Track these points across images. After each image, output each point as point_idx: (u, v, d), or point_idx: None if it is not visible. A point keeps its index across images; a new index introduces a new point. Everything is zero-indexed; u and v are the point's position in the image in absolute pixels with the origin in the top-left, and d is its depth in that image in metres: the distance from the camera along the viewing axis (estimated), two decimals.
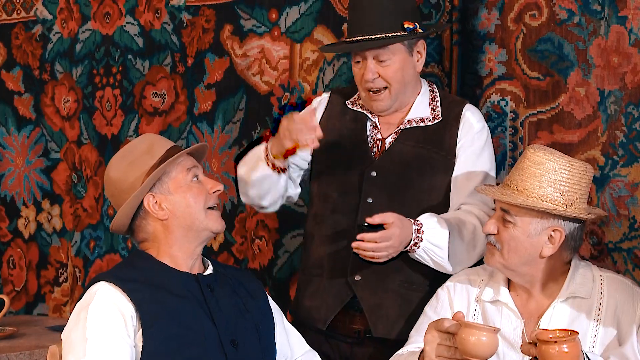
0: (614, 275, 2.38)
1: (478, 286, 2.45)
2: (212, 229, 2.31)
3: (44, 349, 3.15)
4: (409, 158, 2.64)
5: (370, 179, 2.63)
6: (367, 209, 2.59)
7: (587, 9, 2.72)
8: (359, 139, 2.68)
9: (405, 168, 2.63)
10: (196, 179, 2.32)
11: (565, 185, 2.28)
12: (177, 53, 3.62)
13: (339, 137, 2.70)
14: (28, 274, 4.09)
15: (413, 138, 2.66)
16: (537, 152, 2.30)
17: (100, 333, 2.14)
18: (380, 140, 2.68)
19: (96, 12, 3.83)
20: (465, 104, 2.70)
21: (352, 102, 2.75)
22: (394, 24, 2.58)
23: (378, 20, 2.57)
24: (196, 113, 3.58)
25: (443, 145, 2.65)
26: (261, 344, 2.31)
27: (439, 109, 2.69)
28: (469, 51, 2.95)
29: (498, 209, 2.34)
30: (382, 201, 2.60)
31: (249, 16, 3.43)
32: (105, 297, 2.19)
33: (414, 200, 2.62)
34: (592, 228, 2.73)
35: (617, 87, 2.67)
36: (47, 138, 4.01)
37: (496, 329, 2.11)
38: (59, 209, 3.99)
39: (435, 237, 2.54)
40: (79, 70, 3.88)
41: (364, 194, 2.62)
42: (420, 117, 2.68)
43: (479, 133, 2.66)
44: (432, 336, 2.16)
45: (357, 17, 2.60)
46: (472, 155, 2.64)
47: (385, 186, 2.62)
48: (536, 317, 2.35)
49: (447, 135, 2.65)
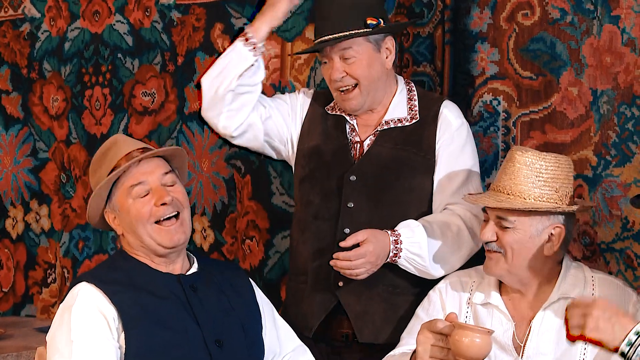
0: (605, 276, 2.40)
1: (469, 289, 2.46)
2: (163, 244, 2.27)
3: (32, 351, 3.13)
4: (388, 160, 2.62)
5: (349, 183, 2.61)
6: (348, 214, 2.59)
7: (580, 8, 2.72)
8: (340, 144, 2.66)
9: (384, 170, 2.61)
10: (145, 195, 2.27)
11: (557, 181, 2.32)
12: (167, 52, 3.60)
13: (320, 142, 2.68)
14: (16, 275, 4.06)
15: (391, 139, 2.64)
16: (525, 154, 2.32)
17: (86, 335, 2.14)
18: (358, 143, 2.66)
19: (85, 10, 3.80)
20: (443, 101, 2.69)
21: (332, 107, 2.73)
22: (356, 20, 2.56)
23: (340, 18, 2.56)
24: (186, 112, 3.56)
25: (422, 146, 2.63)
26: (247, 343, 2.30)
27: (417, 108, 2.67)
28: (461, 50, 2.94)
29: (492, 216, 2.34)
30: (363, 205, 2.60)
31: (239, 15, 3.41)
32: (88, 299, 2.19)
33: (395, 203, 2.61)
34: (585, 229, 2.72)
35: (609, 86, 2.67)
36: (36, 137, 3.99)
37: (490, 330, 2.11)
38: (47, 209, 3.96)
39: (414, 246, 2.54)
40: (67, 69, 3.86)
41: (344, 198, 2.61)
42: (398, 117, 2.66)
43: (458, 130, 2.65)
44: (424, 337, 2.16)
45: (322, 18, 2.61)
46: (453, 154, 2.63)
47: (365, 190, 2.61)
48: (528, 319, 2.36)
49: (425, 135, 2.64)
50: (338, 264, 2.51)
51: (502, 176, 2.35)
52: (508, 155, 2.37)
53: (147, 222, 2.25)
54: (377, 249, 2.50)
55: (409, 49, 3.03)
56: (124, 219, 2.28)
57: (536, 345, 2.32)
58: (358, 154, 2.65)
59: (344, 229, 2.59)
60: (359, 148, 2.65)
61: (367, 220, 2.58)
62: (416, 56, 3.02)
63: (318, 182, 2.66)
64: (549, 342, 2.32)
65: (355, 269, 2.50)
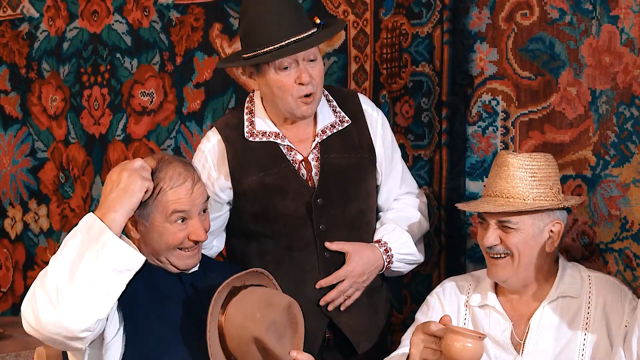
0: (602, 275, 2.43)
1: (466, 292, 2.49)
2: (177, 266, 2.29)
3: (31, 351, 3.13)
4: (342, 172, 2.56)
5: (317, 206, 2.54)
6: (322, 237, 2.56)
7: (579, 8, 2.71)
8: (289, 169, 2.53)
9: (343, 182, 2.57)
10: (181, 220, 2.26)
11: (550, 179, 2.38)
12: (165, 52, 3.59)
13: (261, 175, 2.53)
14: (14, 275, 4.06)
15: (335, 148, 2.57)
16: (517, 156, 2.37)
17: None
18: (303, 161, 2.56)
19: (84, 10, 3.80)
20: (357, 96, 2.67)
21: (249, 132, 2.56)
22: (308, 21, 2.48)
23: (298, 21, 2.45)
24: (185, 112, 3.56)
25: (362, 146, 2.62)
26: None
27: (339, 109, 2.62)
28: (459, 50, 2.94)
29: (493, 220, 2.36)
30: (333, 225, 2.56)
31: (238, 14, 3.40)
32: None
33: (358, 211, 2.61)
34: (584, 229, 2.73)
35: (608, 86, 2.67)
36: (34, 137, 3.99)
37: (482, 335, 2.13)
38: (46, 209, 3.96)
39: (403, 248, 2.61)
40: (66, 68, 3.86)
41: (315, 222, 2.55)
42: (330, 123, 2.59)
43: (381, 121, 2.68)
44: (418, 339, 2.19)
45: (272, 23, 2.43)
46: (387, 146, 2.67)
47: (333, 210, 2.56)
48: (526, 318, 2.39)
49: (360, 134, 2.62)
50: (326, 299, 2.53)
51: (497, 181, 2.38)
52: (498, 160, 2.40)
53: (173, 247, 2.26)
54: (359, 266, 2.54)
55: (407, 49, 3.03)
56: (150, 235, 2.26)
57: (535, 342, 2.34)
58: (307, 173, 2.56)
59: (324, 253, 2.56)
60: (306, 165, 2.56)
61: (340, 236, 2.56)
62: (415, 56, 3.02)
63: (280, 213, 2.54)
64: (548, 339, 2.34)
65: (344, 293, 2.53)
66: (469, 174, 2.94)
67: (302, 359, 2.16)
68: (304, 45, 2.43)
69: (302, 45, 2.42)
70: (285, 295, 2.22)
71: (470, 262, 2.92)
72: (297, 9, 2.51)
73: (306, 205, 2.54)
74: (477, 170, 2.93)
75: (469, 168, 2.94)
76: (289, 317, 2.17)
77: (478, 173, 2.93)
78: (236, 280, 2.23)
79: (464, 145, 2.94)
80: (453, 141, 2.95)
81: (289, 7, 2.47)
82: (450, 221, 2.94)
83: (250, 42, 2.48)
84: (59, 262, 2.10)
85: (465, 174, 2.94)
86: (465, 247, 2.95)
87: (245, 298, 2.19)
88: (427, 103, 3.00)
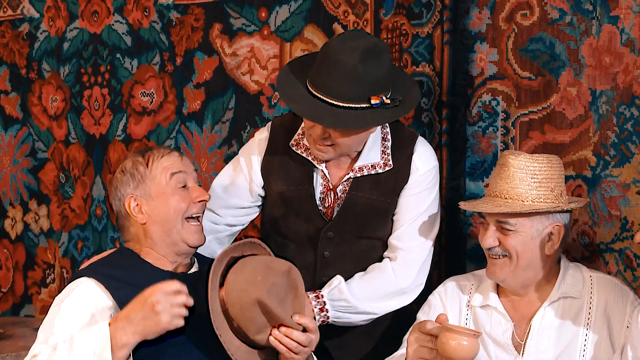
0: (603, 275, 2.43)
1: (468, 291, 2.49)
2: (188, 242, 2.31)
3: None
4: (364, 211, 2.54)
5: (326, 237, 2.57)
6: (324, 263, 2.58)
7: (579, 8, 2.71)
8: (308, 193, 2.54)
9: (361, 222, 2.56)
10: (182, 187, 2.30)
11: (552, 181, 2.35)
12: (165, 52, 3.59)
13: (287, 188, 2.57)
14: (15, 275, 4.06)
15: (366, 188, 2.54)
16: (519, 157, 2.35)
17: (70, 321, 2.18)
18: (332, 191, 2.55)
19: (84, 10, 3.80)
20: (415, 143, 2.55)
21: (296, 143, 2.58)
22: (361, 94, 2.34)
23: (345, 87, 2.33)
24: (185, 112, 3.56)
25: (396, 192, 2.56)
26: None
27: (389, 151, 2.55)
28: (460, 51, 2.94)
29: (492, 221, 2.35)
30: (338, 254, 2.57)
31: (238, 15, 3.41)
32: (83, 294, 2.21)
33: (370, 249, 2.60)
34: (584, 229, 2.73)
35: (608, 87, 2.67)
36: (35, 137, 3.98)
37: (477, 333, 2.13)
38: (47, 209, 3.96)
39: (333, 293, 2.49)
40: (66, 69, 3.86)
41: (320, 249, 2.58)
42: (372, 163, 2.54)
43: (424, 175, 2.55)
44: (414, 338, 2.20)
45: (325, 75, 2.36)
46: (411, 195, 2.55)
47: (341, 242, 2.57)
48: (527, 319, 2.39)
49: (397, 182, 2.56)
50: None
51: (497, 181, 2.37)
52: (500, 160, 2.39)
53: (182, 215, 2.28)
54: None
55: (408, 49, 3.03)
56: (157, 210, 2.28)
57: (536, 343, 2.34)
58: (332, 202, 2.55)
59: (322, 277, 2.58)
60: (332, 196, 2.55)
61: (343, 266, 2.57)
62: (415, 56, 3.02)
63: (291, 230, 2.59)
64: (549, 340, 2.34)
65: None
66: (469, 174, 2.94)
67: (304, 323, 2.17)
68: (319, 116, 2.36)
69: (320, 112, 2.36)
70: (284, 261, 2.22)
71: (471, 263, 2.92)
72: (360, 81, 2.34)
73: (314, 231, 2.57)
74: (478, 171, 2.93)
75: (469, 168, 2.94)
76: (289, 281, 2.17)
77: (478, 173, 2.93)
78: (234, 250, 2.24)
79: (464, 146, 2.94)
80: (453, 141, 2.95)
81: (349, 69, 2.33)
82: (450, 221, 2.94)
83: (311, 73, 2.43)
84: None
85: (466, 174, 2.94)
86: (466, 248, 2.95)
87: (244, 265, 2.19)
88: (427, 103, 3.00)
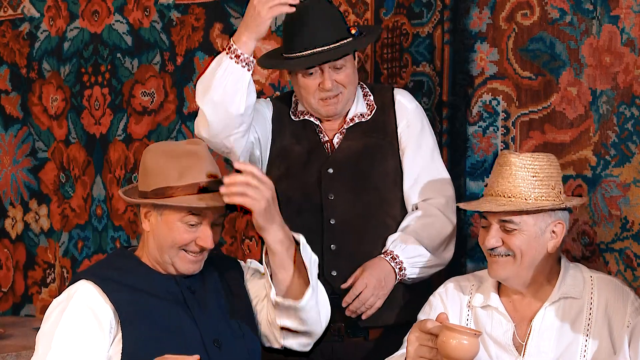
0: (604, 276, 2.42)
1: (469, 292, 2.48)
2: (179, 269, 2.28)
3: (31, 350, 3.10)
4: (359, 149, 2.69)
5: (327, 175, 2.67)
6: (330, 206, 2.65)
7: (579, 8, 2.71)
8: (312, 141, 2.72)
9: (358, 159, 2.68)
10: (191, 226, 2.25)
11: (552, 179, 2.36)
12: (166, 52, 3.60)
13: (292, 142, 2.74)
14: (15, 275, 4.06)
15: (358, 132, 2.72)
16: (520, 156, 2.36)
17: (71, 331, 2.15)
18: (328, 142, 2.72)
19: (84, 10, 3.80)
20: (393, 89, 2.78)
21: (295, 112, 2.78)
22: (341, 30, 2.63)
23: (329, 31, 2.61)
24: (186, 112, 3.56)
25: (386, 131, 2.71)
26: (246, 342, 2.30)
27: (373, 102, 2.75)
28: (460, 50, 2.94)
29: (495, 221, 2.35)
30: (343, 196, 2.66)
31: (238, 14, 3.41)
32: (83, 300, 2.19)
33: (373, 189, 2.68)
34: (584, 229, 2.72)
35: (609, 86, 2.67)
36: (35, 137, 3.99)
37: (477, 332, 2.12)
38: (47, 208, 3.96)
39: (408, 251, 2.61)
40: (67, 68, 3.86)
41: (324, 191, 2.67)
42: (360, 113, 2.73)
43: (414, 112, 2.73)
44: (414, 337, 2.19)
45: (304, 31, 2.61)
46: (413, 135, 2.71)
47: (343, 181, 2.67)
48: (528, 319, 2.38)
49: (386, 120, 2.72)
50: (351, 308, 2.57)
51: (498, 180, 2.37)
52: (500, 159, 2.39)
53: (178, 247, 2.25)
54: (374, 274, 2.56)
55: (408, 48, 3.03)
56: (159, 229, 2.26)
57: (537, 343, 2.34)
58: (330, 150, 2.71)
59: (329, 219, 2.65)
60: (330, 146, 2.71)
61: (350, 209, 2.65)
62: (415, 56, 3.02)
63: (296, 178, 2.70)
64: (550, 341, 2.33)
65: (365, 301, 2.56)
66: (470, 174, 2.94)
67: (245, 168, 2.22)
68: (326, 56, 2.59)
69: (324, 56, 2.59)
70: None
71: (471, 263, 2.92)
72: (334, 19, 2.65)
73: (316, 173, 2.68)
74: (478, 170, 2.93)
75: (469, 168, 2.94)
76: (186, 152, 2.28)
77: (478, 173, 2.93)
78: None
79: (465, 145, 2.94)
80: (453, 141, 2.95)
81: (324, 16, 2.63)
82: None
83: (284, 46, 2.68)
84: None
85: (466, 174, 2.95)
86: (466, 248, 2.95)
87: None
88: (427, 103, 3.00)
